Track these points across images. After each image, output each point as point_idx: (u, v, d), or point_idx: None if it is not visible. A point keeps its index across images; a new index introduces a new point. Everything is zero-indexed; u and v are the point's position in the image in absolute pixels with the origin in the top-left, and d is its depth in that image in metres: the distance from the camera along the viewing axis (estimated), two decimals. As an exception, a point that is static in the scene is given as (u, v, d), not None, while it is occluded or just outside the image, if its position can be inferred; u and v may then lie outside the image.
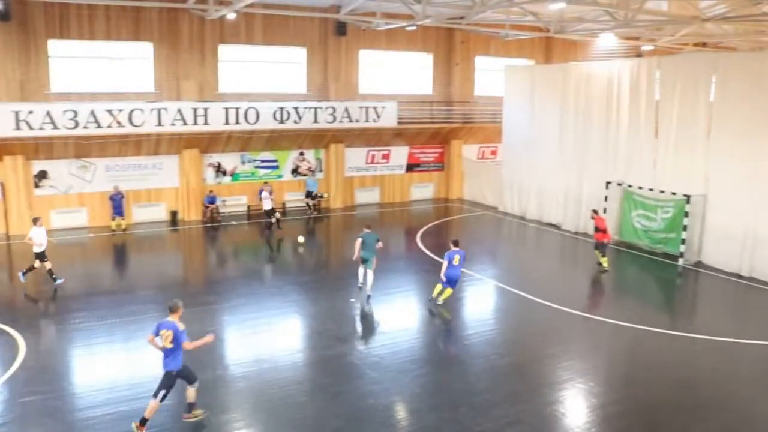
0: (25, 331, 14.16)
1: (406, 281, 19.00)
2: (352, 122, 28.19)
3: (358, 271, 17.70)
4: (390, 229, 25.33)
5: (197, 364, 12.49)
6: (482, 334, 14.70)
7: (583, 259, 21.40)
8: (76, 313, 15.39)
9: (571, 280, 19.73)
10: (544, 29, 27.98)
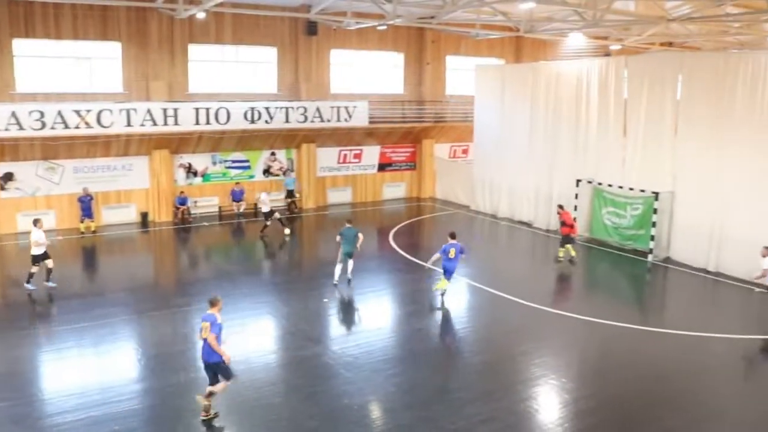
0: (-8, 336, 13.92)
1: (379, 281, 19.01)
2: (324, 122, 28.12)
3: (335, 269, 17.73)
4: (362, 229, 25.06)
5: (169, 367, 12.41)
6: (455, 333, 14.80)
7: (554, 257, 21.57)
8: (44, 317, 15.15)
9: (543, 278, 19.91)
10: (514, 29, 28.17)
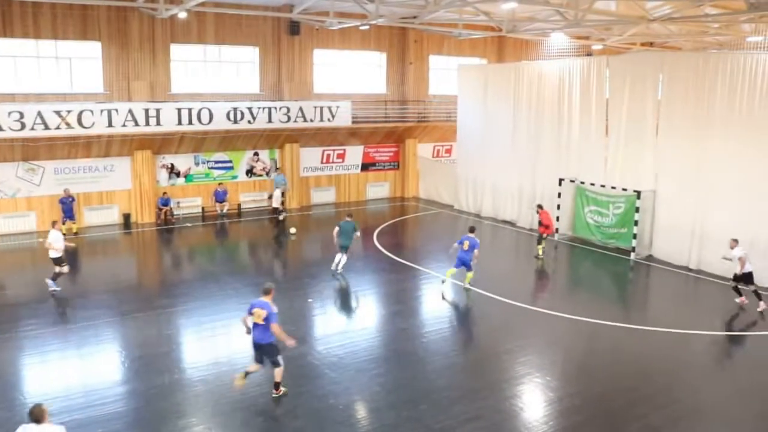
0: (-27, 339, 13.74)
1: (364, 281, 18.99)
2: (307, 122, 28.07)
3: (335, 257, 18.68)
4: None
5: (154, 369, 12.33)
6: (440, 332, 14.81)
7: (535, 255, 21.70)
8: (26, 320, 14.97)
9: (527, 276, 20.02)
10: (497, 29, 28.29)
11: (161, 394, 11.32)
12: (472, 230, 17.80)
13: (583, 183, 22.89)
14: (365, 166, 31.90)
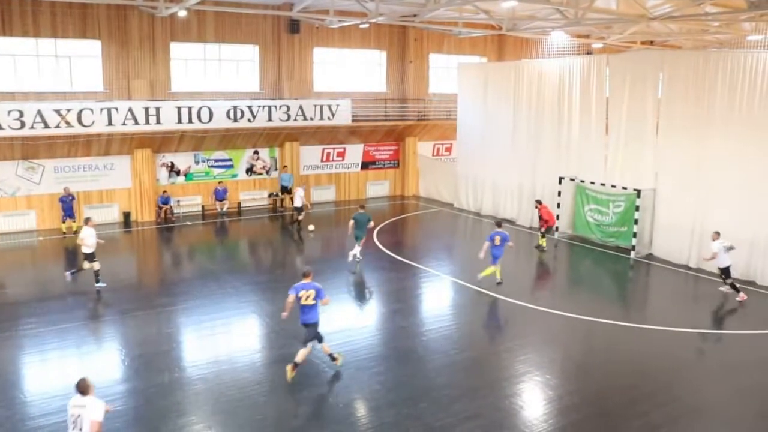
0: (-27, 338, 13.74)
1: (364, 279, 18.99)
2: (307, 120, 28.06)
3: (354, 249, 19.69)
4: (346, 227, 25.25)
5: (154, 368, 12.33)
6: (440, 330, 14.80)
7: (538, 254, 21.70)
8: (25, 318, 14.97)
9: (527, 275, 20.02)
10: (497, 27, 28.28)
11: (161, 393, 11.32)
12: (500, 224, 18.24)
13: (583, 181, 22.88)
14: (365, 165, 31.91)
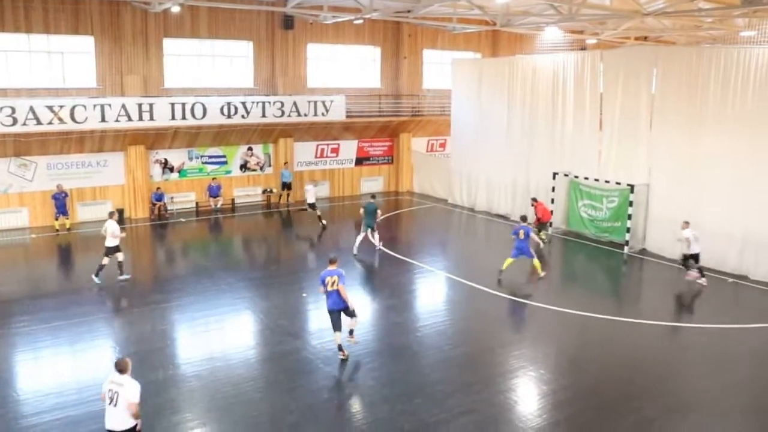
0: (-35, 336, 13.68)
1: (358, 275, 18.99)
2: (301, 116, 28.01)
3: (357, 239, 20.40)
4: (340, 223, 25.27)
5: (148, 365, 12.29)
6: (434, 326, 14.81)
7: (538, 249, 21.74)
8: (18, 316, 14.91)
9: (521, 271, 20.02)
10: (491, 23, 28.28)
11: (155, 390, 11.28)
12: (524, 219, 18.73)
13: (576, 177, 22.92)
14: (359, 161, 31.89)
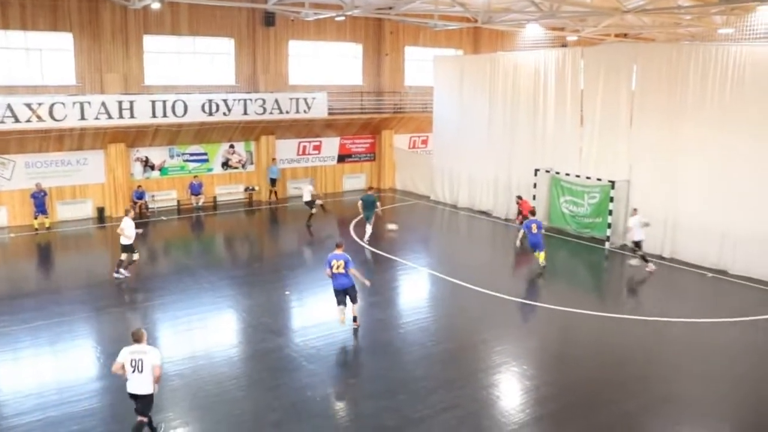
0: (-57, 337, 13.51)
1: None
2: (283, 114, 27.90)
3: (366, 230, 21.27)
4: (323, 220, 25.22)
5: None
6: (417, 322, 14.85)
7: (513, 246, 21.82)
8: (-2, 316, 14.77)
9: (503, 266, 20.16)
10: (472, 19, 28.29)
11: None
12: (534, 213, 19.66)
13: (558, 173, 23.05)
14: (341, 158, 31.84)
